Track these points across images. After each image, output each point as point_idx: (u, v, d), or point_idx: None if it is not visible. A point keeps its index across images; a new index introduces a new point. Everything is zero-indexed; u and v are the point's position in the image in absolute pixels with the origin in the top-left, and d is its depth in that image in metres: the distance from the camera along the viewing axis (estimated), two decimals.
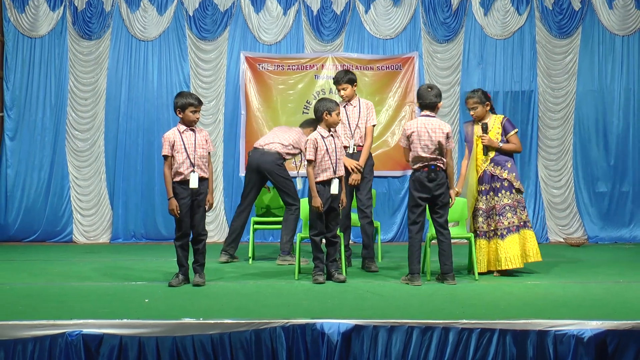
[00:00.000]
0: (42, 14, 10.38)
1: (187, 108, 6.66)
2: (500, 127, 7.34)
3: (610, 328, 4.82)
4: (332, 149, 6.87)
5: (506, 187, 7.19)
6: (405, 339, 4.85)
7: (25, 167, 10.33)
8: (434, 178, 6.69)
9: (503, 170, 7.21)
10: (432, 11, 10.59)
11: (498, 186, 7.21)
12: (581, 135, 10.70)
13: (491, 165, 7.24)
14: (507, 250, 7.10)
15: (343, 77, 7.79)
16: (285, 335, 4.83)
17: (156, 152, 10.37)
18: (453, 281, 6.69)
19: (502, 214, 7.15)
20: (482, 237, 7.25)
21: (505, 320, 4.93)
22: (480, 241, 7.24)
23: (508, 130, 7.32)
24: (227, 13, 10.51)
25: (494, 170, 7.22)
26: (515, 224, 7.16)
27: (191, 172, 6.61)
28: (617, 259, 8.82)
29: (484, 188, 7.25)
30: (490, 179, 7.24)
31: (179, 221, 6.62)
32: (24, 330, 4.75)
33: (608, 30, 10.68)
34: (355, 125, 7.71)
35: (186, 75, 10.48)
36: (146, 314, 5.16)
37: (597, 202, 10.70)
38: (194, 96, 6.80)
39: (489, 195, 7.23)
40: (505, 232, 7.13)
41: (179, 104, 6.69)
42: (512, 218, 7.15)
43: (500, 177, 7.20)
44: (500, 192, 7.19)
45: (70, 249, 9.69)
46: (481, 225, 7.24)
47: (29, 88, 10.37)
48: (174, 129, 6.75)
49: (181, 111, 6.69)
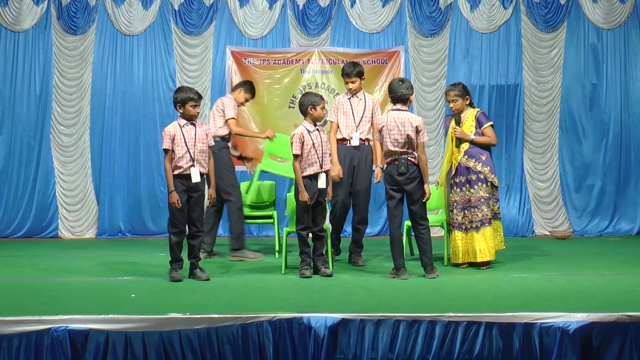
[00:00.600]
0: (25, 8, 10.29)
1: (187, 103, 6.67)
2: (474, 120, 7.39)
3: (595, 320, 4.86)
4: (318, 143, 6.87)
5: (482, 180, 7.25)
6: (392, 332, 4.86)
7: (11, 163, 10.26)
8: (404, 172, 6.68)
9: (477, 162, 7.26)
10: (418, 5, 10.59)
11: (474, 178, 7.26)
12: (567, 128, 10.73)
13: (465, 157, 7.30)
14: (481, 242, 7.18)
15: (353, 70, 7.68)
16: (272, 329, 4.84)
17: (142, 147, 10.35)
18: (432, 274, 6.71)
19: (477, 207, 7.21)
20: (457, 229, 7.31)
21: (491, 313, 4.96)
22: (456, 233, 7.31)
23: (482, 122, 7.37)
24: (213, 7, 10.47)
25: (468, 163, 7.28)
26: (488, 217, 7.22)
27: (191, 167, 6.61)
28: (602, 252, 8.88)
29: (460, 180, 7.31)
30: (466, 171, 7.29)
31: (174, 216, 6.60)
32: (10, 326, 4.74)
33: (593, 24, 10.70)
34: (360, 118, 7.64)
35: (172, 70, 10.44)
36: (133, 309, 5.16)
37: (583, 195, 10.73)
38: (194, 90, 6.82)
39: (465, 187, 7.28)
40: (479, 224, 7.21)
41: (179, 98, 6.69)
42: (486, 210, 7.21)
43: (474, 169, 7.25)
44: (477, 184, 7.24)
45: (56, 244, 9.65)
46: (456, 217, 7.31)
47: (13, 83, 10.29)
48: (174, 123, 6.75)
49: (181, 106, 6.69)
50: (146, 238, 10.16)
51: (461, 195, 7.30)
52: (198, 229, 6.73)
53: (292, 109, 10.38)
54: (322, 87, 10.45)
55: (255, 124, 10.16)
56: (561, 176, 10.73)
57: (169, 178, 6.63)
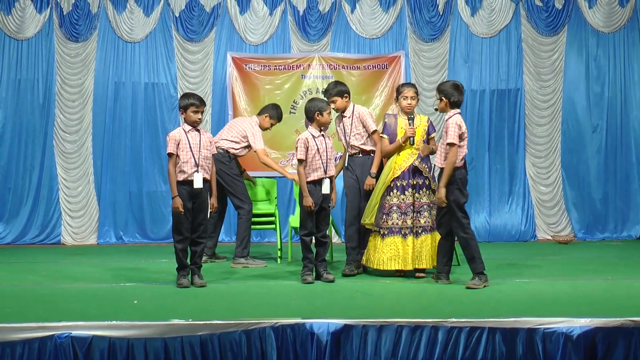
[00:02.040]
0: (28, 16, 10.33)
1: (188, 108, 6.68)
2: (426, 125, 7.25)
3: (599, 325, 4.84)
4: (322, 148, 6.87)
5: (427, 186, 7.07)
6: (394, 338, 4.86)
7: (15, 169, 10.28)
8: None
9: (426, 167, 7.10)
10: (418, 10, 10.60)
11: (420, 183, 7.06)
12: (569, 133, 10.74)
13: (418, 160, 7.08)
14: (421, 248, 6.97)
15: (332, 89, 7.46)
16: (275, 335, 4.84)
17: (144, 153, 10.36)
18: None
19: (420, 212, 7.01)
20: (396, 234, 7.01)
21: (494, 319, 4.95)
22: (394, 238, 7.00)
23: (431, 131, 7.25)
24: (214, 14, 10.49)
25: (421, 166, 7.06)
26: (429, 225, 7.00)
27: (195, 172, 6.61)
28: (605, 256, 8.87)
29: (401, 184, 7.04)
30: (412, 175, 7.05)
31: (178, 222, 6.61)
32: (13, 333, 4.73)
33: (593, 28, 10.72)
34: (347, 139, 7.45)
35: (173, 76, 10.46)
36: (135, 316, 5.16)
37: (585, 199, 10.73)
38: (196, 96, 6.82)
39: (408, 191, 7.03)
40: (420, 230, 6.99)
41: (182, 104, 6.72)
42: (427, 217, 7.01)
43: (424, 174, 7.05)
44: (422, 189, 7.05)
45: (59, 250, 9.65)
46: (396, 222, 7.00)
47: (17, 90, 10.32)
48: (179, 128, 6.76)
49: (184, 111, 6.70)
50: (148, 244, 10.17)
51: (401, 199, 7.03)
52: (199, 235, 6.72)
53: (293, 114, 10.40)
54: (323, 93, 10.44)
55: None
56: (563, 180, 10.73)
57: (172, 183, 6.61)
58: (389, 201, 7.07)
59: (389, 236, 7.02)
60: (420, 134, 7.18)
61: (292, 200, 10.32)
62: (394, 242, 7.00)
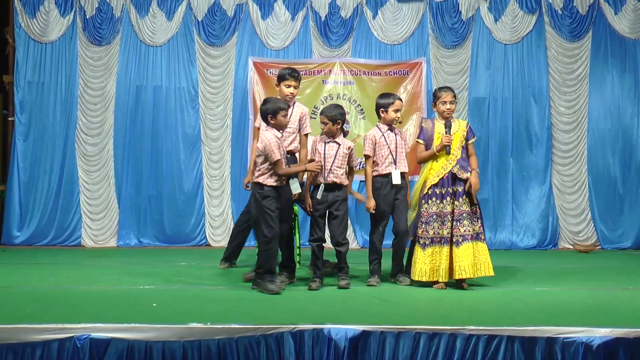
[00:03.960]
0: (52, 20, 10.42)
1: (278, 113, 6.68)
2: (465, 131, 7.03)
3: (619, 335, 4.81)
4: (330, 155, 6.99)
5: (466, 193, 6.81)
6: (412, 344, 4.85)
7: (37, 171, 10.35)
8: None
9: (465, 174, 6.85)
10: (440, 16, 10.59)
11: (459, 190, 6.80)
12: (595, 139, 10.64)
13: (457, 167, 6.86)
14: (462, 258, 6.67)
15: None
16: (293, 340, 4.84)
17: (164, 156, 10.39)
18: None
19: (459, 220, 6.76)
20: (437, 244, 6.78)
21: (513, 327, 4.93)
22: (435, 248, 6.77)
23: (469, 137, 7.03)
24: (235, 19, 10.53)
25: (460, 173, 6.83)
26: (470, 233, 6.74)
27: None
28: (626, 266, 8.79)
29: (440, 191, 6.84)
30: (451, 182, 6.83)
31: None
32: (33, 334, 4.77)
33: (619, 34, 10.64)
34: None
35: (194, 81, 10.50)
36: (153, 318, 5.17)
37: (611, 208, 10.61)
38: (281, 100, 6.87)
39: (446, 199, 6.82)
40: (461, 239, 6.71)
41: (270, 109, 6.68)
42: (468, 226, 6.74)
43: (463, 181, 6.82)
44: (462, 196, 6.80)
45: (79, 252, 9.70)
46: (437, 231, 6.77)
47: (40, 93, 10.39)
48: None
49: (273, 117, 6.68)
50: (167, 247, 10.20)
51: (440, 207, 6.81)
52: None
53: (313, 119, 10.39)
54: (344, 98, 10.46)
55: None
56: (590, 188, 10.62)
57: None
58: (427, 209, 6.85)
59: (430, 246, 6.79)
60: (459, 141, 6.96)
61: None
62: (435, 253, 6.77)
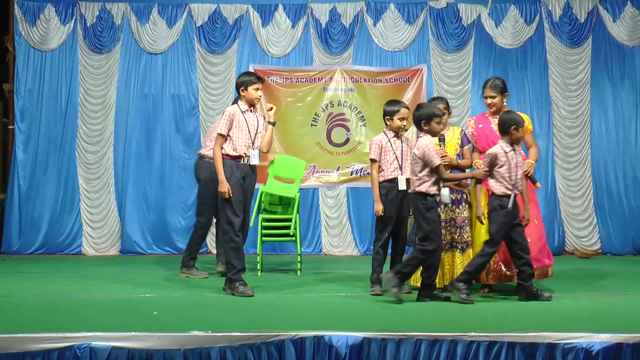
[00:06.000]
0: (52, 28, 10.45)
1: (432, 119, 6.50)
2: (459, 139, 7.11)
3: (619, 341, 4.79)
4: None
5: (466, 200, 6.96)
6: (413, 351, 4.83)
7: (37, 180, 10.36)
8: None
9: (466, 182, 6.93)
10: (441, 23, 10.61)
11: (459, 198, 6.93)
12: (599, 144, 10.65)
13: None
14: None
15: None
16: (294, 348, 4.83)
17: (165, 164, 10.41)
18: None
19: (462, 227, 6.88)
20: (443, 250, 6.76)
21: (513, 333, 4.91)
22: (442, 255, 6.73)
23: (464, 143, 7.10)
24: (236, 26, 10.55)
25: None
26: (470, 239, 6.88)
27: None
28: (627, 271, 8.79)
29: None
30: (451, 190, 6.80)
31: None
32: (33, 343, 4.75)
33: (617, 41, 10.65)
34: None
35: (195, 88, 10.51)
36: (154, 327, 5.17)
37: (615, 212, 10.60)
38: (436, 107, 6.70)
39: (448, 205, 6.88)
40: (465, 245, 6.86)
41: (424, 115, 6.52)
42: (469, 232, 6.89)
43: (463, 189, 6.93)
44: (462, 204, 6.93)
45: (80, 261, 9.70)
46: (443, 238, 6.76)
47: (40, 101, 10.43)
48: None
49: (427, 123, 6.50)
50: (168, 255, 10.19)
51: (446, 214, 6.91)
52: None
53: (314, 127, 10.41)
54: (345, 105, 10.48)
55: (277, 141, 10.17)
56: (594, 193, 10.61)
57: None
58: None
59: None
60: (453, 149, 7.04)
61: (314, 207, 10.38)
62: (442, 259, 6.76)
